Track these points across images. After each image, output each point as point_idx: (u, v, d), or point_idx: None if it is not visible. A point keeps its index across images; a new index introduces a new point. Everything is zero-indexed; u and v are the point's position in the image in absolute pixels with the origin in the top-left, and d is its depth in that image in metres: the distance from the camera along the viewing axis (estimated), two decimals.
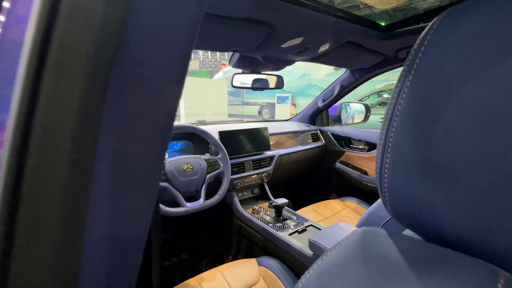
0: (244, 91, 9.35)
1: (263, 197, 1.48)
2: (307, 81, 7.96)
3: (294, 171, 1.76)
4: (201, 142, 1.31)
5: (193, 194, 1.09)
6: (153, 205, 0.19)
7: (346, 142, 1.76)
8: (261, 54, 0.98)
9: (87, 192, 0.15)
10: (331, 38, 0.90)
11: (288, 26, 0.77)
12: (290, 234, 1.05)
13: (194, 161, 1.05)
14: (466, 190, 0.19)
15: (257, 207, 1.30)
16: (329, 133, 1.81)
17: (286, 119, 1.98)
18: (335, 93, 1.65)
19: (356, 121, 1.94)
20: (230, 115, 8.29)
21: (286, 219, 1.19)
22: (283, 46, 0.90)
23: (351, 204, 1.55)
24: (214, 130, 1.29)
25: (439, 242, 0.22)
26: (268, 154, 1.47)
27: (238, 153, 1.34)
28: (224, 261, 1.41)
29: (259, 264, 1.00)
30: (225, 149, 1.14)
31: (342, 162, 1.74)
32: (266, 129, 1.49)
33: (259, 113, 8.83)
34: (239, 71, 1.24)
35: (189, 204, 0.99)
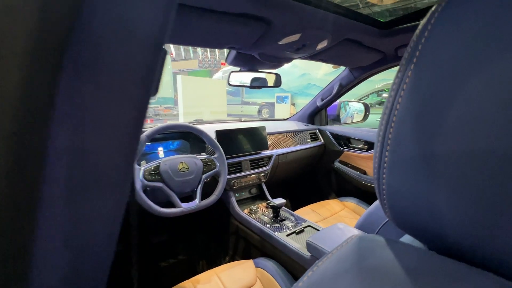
0: (243, 91, 9.34)
1: (261, 197, 1.46)
2: (307, 80, 7.94)
3: (293, 171, 1.74)
4: (197, 141, 1.29)
5: (189, 195, 1.07)
6: (121, 210, 0.17)
7: (345, 141, 1.74)
8: (258, 51, 0.96)
9: (36, 195, 0.13)
10: (329, 35, 0.88)
11: (285, 22, 0.75)
12: (287, 235, 1.03)
13: (189, 160, 1.03)
14: (474, 190, 0.17)
15: (254, 208, 1.28)
16: (328, 132, 1.79)
17: (285, 118, 1.96)
18: (334, 91, 1.63)
19: (355, 120, 1.93)
20: (229, 115, 8.27)
21: (284, 220, 1.17)
22: (280, 43, 0.88)
23: (350, 204, 1.53)
24: (211, 129, 1.27)
25: (443, 251, 0.20)
26: (266, 153, 1.45)
27: (235, 152, 1.32)
28: (221, 262, 1.40)
29: (256, 265, 0.98)
30: (221, 148, 1.12)
31: (341, 162, 1.73)
32: (264, 128, 1.47)
33: (259, 112, 8.82)
34: (237, 69, 1.22)
35: (184, 204, 0.98)
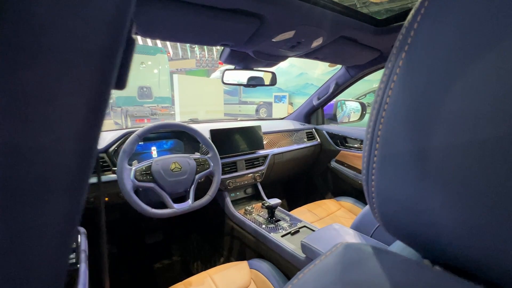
0: (241, 90, 9.31)
1: (257, 197, 1.45)
2: (305, 80, 7.92)
3: (289, 171, 1.73)
4: (191, 141, 1.27)
5: (182, 195, 1.05)
6: (76, 217, 0.15)
7: (341, 140, 1.73)
8: (252, 49, 0.94)
9: None
10: (324, 32, 0.86)
11: (278, 18, 0.73)
12: (282, 236, 1.02)
13: (182, 160, 1.00)
14: (473, 190, 0.15)
15: (249, 208, 1.26)
16: (324, 131, 1.78)
17: (281, 118, 1.94)
18: (330, 90, 1.62)
19: (352, 119, 1.92)
20: (226, 114, 8.24)
21: (279, 220, 1.15)
22: (274, 40, 0.86)
23: (347, 204, 1.52)
24: (205, 129, 1.25)
25: (439, 261, 0.18)
26: (261, 153, 1.43)
27: (230, 152, 1.30)
28: (216, 263, 1.38)
29: (251, 267, 0.96)
30: (215, 148, 1.10)
31: (337, 161, 1.71)
32: (259, 127, 1.45)
33: (257, 111, 8.80)
34: (232, 68, 1.20)
35: (176, 205, 0.96)
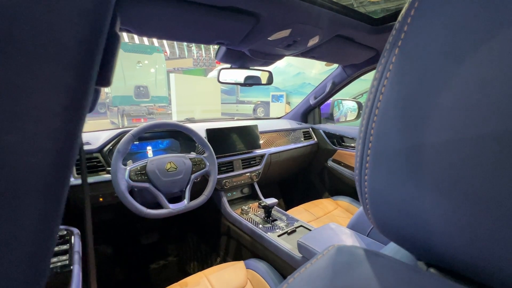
0: (238, 90, 9.29)
1: (253, 197, 1.44)
2: (302, 79, 7.92)
3: (286, 170, 1.72)
4: (187, 140, 1.26)
5: (178, 195, 1.04)
6: (52, 222, 0.14)
7: (338, 140, 1.73)
8: (247, 47, 0.94)
9: None
10: (320, 30, 0.86)
11: (274, 16, 0.73)
12: (279, 236, 1.01)
13: (178, 160, 1.00)
14: (468, 189, 0.14)
15: (246, 208, 1.26)
16: (321, 131, 1.78)
17: (278, 117, 1.94)
18: (327, 90, 1.62)
19: (348, 118, 1.92)
20: (223, 114, 8.22)
21: (276, 220, 1.15)
22: (270, 38, 0.85)
23: (343, 203, 1.52)
24: (201, 128, 1.24)
25: (434, 263, 0.18)
26: (258, 152, 1.43)
27: (226, 151, 1.29)
28: (212, 263, 1.37)
29: (247, 267, 0.96)
30: (211, 147, 1.10)
31: (334, 161, 1.71)
32: (256, 126, 1.44)
33: (254, 111, 8.80)
34: (228, 66, 1.19)
35: (172, 205, 0.95)
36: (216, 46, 1.00)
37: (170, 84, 6.72)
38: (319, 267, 0.19)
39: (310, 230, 1.02)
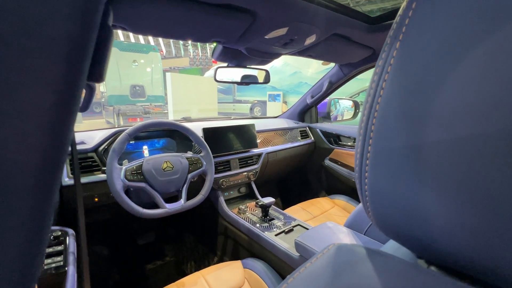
0: (235, 89, 9.28)
1: (250, 196, 1.44)
2: (298, 79, 7.93)
3: (283, 169, 1.72)
4: (184, 139, 1.25)
5: (174, 195, 1.03)
6: (46, 220, 0.14)
7: (335, 139, 1.73)
8: (244, 45, 0.93)
9: None
10: (317, 29, 0.85)
11: (271, 14, 0.72)
12: (276, 235, 1.01)
13: (174, 159, 0.99)
14: (469, 187, 0.14)
15: (243, 207, 1.25)
16: (318, 130, 1.78)
17: (275, 116, 1.94)
18: (324, 89, 1.62)
19: (345, 118, 1.92)
20: (220, 113, 8.19)
21: (273, 219, 1.14)
22: (267, 37, 0.85)
23: (340, 202, 1.52)
24: (198, 127, 1.23)
25: (435, 261, 0.17)
26: (255, 151, 1.43)
27: (223, 150, 1.29)
28: (209, 263, 1.37)
29: (244, 266, 0.95)
30: (208, 146, 1.09)
31: (331, 160, 1.72)
32: (253, 126, 1.44)
33: (251, 110, 8.79)
34: (224, 65, 1.19)
35: (168, 205, 0.94)
36: (212, 45, 1.00)
37: (166, 83, 6.68)
38: (319, 267, 0.19)
39: (308, 229, 1.02)
